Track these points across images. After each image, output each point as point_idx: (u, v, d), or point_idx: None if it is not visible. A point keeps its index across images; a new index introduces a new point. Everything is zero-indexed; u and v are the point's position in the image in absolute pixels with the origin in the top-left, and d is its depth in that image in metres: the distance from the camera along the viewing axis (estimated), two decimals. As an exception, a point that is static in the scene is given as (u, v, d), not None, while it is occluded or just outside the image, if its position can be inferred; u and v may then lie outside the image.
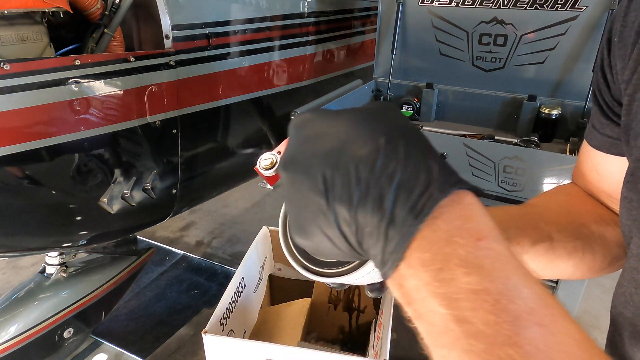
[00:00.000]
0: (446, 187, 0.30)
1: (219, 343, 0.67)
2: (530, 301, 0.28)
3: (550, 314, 0.28)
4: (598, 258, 0.56)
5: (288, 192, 0.34)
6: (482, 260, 0.29)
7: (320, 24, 2.21)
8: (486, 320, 0.27)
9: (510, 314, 0.27)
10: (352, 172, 0.30)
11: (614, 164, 0.55)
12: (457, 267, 0.28)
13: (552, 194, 0.69)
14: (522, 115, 1.93)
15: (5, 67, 1.07)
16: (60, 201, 1.35)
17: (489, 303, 0.27)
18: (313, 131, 0.33)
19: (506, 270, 0.29)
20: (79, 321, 1.81)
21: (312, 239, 0.34)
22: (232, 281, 0.80)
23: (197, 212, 3.25)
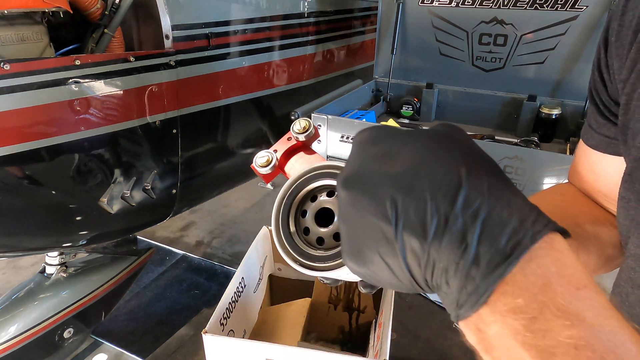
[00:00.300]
0: (539, 227, 0.27)
1: (219, 343, 0.67)
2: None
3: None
4: (592, 258, 0.56)
5: (347, 213, 0.31)
6: (584, 313, 0.26)
7: (320, 24, 2.21)
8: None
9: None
10: (429, 201, 0.27)
11: (611, 163, 0.55)
12: (555, 317, 0.25)
13: (546, 193, 0.68)
14: (522, 115, 1.93)
15: (5, 67, 1.07)
16: (61, 201, 1.35)
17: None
18: (382, 150, 0.30)
19: (611, 325, 0.26)
20: (79, 321, 1.80)
21: (369, 267, 0.31)
22: (232, 281, 0.80)
23: (197, 212, 3.25)
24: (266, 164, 0.48)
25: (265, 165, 0.48)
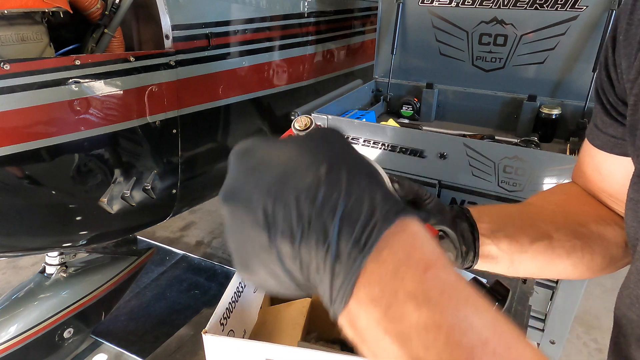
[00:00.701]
0: (390, 215, 0.28)
1: (219, 343, 0.67)
2: (483, 330, 0.27)
3: (504, 341, 0.28)
4: (597, 258, 0.56)
5: (229, 226, 0.32)
6: (430, 293, 0.27)
7: (320, 24, 2.21)
8: (440, 358, 0.26)
9: (463, 349, 0.26)
10: (293, 205, 0.28)
11: (617, 163, 0.55)
12: (406, 301, 0.27)
13: (550, 193, 0.68)
14: (522, 115, 1.93)
15: (5, 67, 1.07)
16: (61, 201, 1.35)
17: (441, 340, 0.26)
18: (255, 161, 0.31)
19: (455, 301, 0.28)
20: (79, 321, 1.80)
21: (256, 276, 0.31)
22: (232, 281, 0.80)
23: (197, 212, 3.25)
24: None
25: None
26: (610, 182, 0.58)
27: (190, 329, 1.96)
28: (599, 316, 2.33)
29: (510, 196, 1.50)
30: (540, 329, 1.62)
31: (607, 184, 0.58)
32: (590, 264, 0.56)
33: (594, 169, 0.60)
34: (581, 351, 2.18)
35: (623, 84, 0.48)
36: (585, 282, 1.48)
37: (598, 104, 0.55)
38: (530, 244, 0.54)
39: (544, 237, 0.54)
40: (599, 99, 0.54)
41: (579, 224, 0.57)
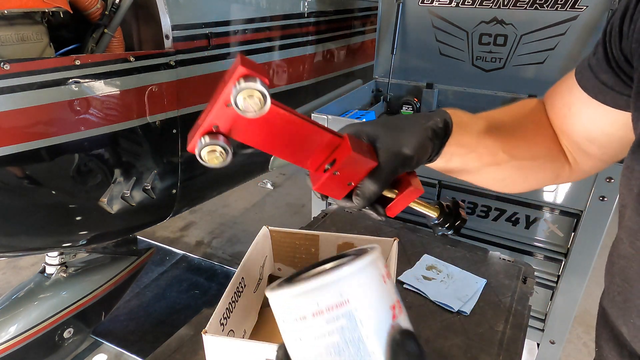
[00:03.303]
0: None
1: (219, 343, 0.67)
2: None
3: None
4: (541, 175, 0.65)
5: None
6: None
7: (320, 24, 2.21)
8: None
9: None
10: None
11: (592, 110, 0.56)
12: None
13: (520, 116, 0.70)
14: (522, 115, 1.93)
15: (5, 67, 1.07)
16: (61, 201, 1.35)
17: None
18: None
19: None
20: (79, 321, 1.80)
21: None
22: (232, 281, 0.80)
23: (197, 212, 3.25)
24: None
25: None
26: (573, 122, 0.60)
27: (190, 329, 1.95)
28: (599, 316, 2.34)
29: (510, 196, 1.51)
30: (540, 329, 1.62)
31: (569, 122, 0.60)
32: (541, 181, 0.66)
33: (566, 104, 0.61)
34: (581, 351, 2.18)
35: (631, 43, 0.47)
36: (585, 282, 1.48)
37: (601, 47, 0.54)
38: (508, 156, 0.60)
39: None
40: (604, 44, 0.53)
41: (528, 153, 0.62)
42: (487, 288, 1.12)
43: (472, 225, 1.63)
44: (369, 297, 0.35)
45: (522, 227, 1.54)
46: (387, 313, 0.36)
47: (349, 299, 0.34)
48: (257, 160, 2.08)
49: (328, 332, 0.34)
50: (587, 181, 1.36)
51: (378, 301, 0.35)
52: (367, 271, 0.35)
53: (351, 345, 0.34)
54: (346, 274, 0.34)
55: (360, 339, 0.34)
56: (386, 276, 0.37)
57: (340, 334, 0.34)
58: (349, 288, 0.34)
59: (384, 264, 0.38)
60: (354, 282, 0.35)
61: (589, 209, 1.38)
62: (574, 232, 1.45)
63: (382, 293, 0.36)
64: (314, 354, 0.35)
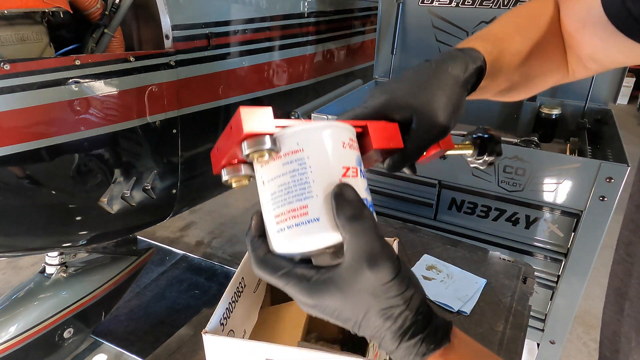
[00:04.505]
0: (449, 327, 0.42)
1: (219, 343, 0.67)
2: None
3: None
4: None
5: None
6: None
7: (320, 24, 2.21)
8: None
9: None
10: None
11: (607, 33, 0.54)
12: None
13: (539, 32, 0.66)
14: (522, 115, 1.93)
15: (5, 67, 1.07)
16: (61, 201, 1.35)
17: None
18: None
19: None
20: (79, 321, 1.80)
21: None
22: (232, 281, 0.80)
23: (197, 212, 3.25)
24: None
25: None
26: (583, 40, 0.60)
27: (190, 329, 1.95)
28: (599, 316, 2.33)
29: (510, 196, 1.51)
30: (540, 329, 1.62)
31: (579, 39, 0.61)
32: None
33: (581, 19, 0.60)
34: (581, 351, 2.18)
35: None
36: (585, 282, 1.48)
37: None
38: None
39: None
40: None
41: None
42: (487, 288, 1.12)
43: (472, 225, 1.63)
44: (321, 152, 0.41)
45: (522, 227, 1.55)
46: (337, 170, 0.41)
47: (303, 149, 0.41)
48: (257, 160, 2.07)
49: (282, 173, 0.41)
50: (587, 181, 1.36)
51: (329, 157, 0.41)
52: (325, 132, 0.42)
53: (298, 186, 0.40)
54: (305, 128, 0.41)
55: (307, 181, 0.40)
56: (349, 146, 0.43)
57: (291, 175, 0.41)
58: (305, 140, 0.41)
59: (349, 137, 0.44)
60: (310, 136, 0.41)
61: (589, 209, 1.38)
62: (574, 232, 1.45)
63: (336, 153, 0.42)
64: (270, 192, 0.42)
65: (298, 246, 0.41)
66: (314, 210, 0.40)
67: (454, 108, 0.50)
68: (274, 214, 0.42)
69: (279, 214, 0.41)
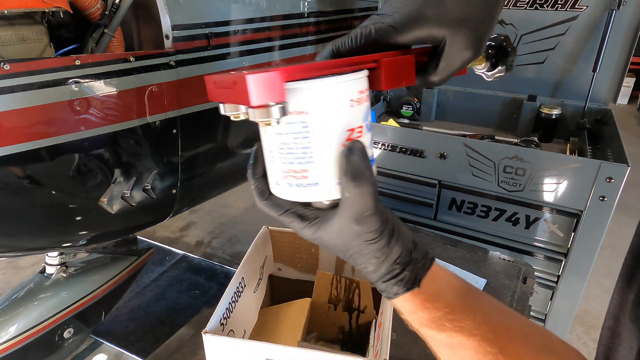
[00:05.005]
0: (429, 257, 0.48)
1: (219, 343, 0.67)
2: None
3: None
4: None
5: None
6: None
7: (320, 24, 2.21)
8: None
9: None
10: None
11: None
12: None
13: None
14: (522, 115, 1.93)
15: (5, 67, 1.07)
16: (61, 201, 1.35)
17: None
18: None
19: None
20: (79, 321, 1.80)
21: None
22: (232, 281, 0.80)
23: (197, 212, 3.25)
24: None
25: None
26: None
27: (190, 329, 1.95)
28: (599, 316, 2.33)
29: (510, 196, 1.51)
30: (540, 329, 1.62)
31: None
32: None
33: None
34: (581, 351, 2.18)
35: None
36: (585, 282, 1.48)
37: None
38: None
39: None
40: None
41: None
42: (487, 288, 1.12)
43: (472, 225, 1.63)
44: (325, 117, 0.40)
45: (522, 227, 1.55)
46: (341, 134, 0.40)
47: (307, 111, 0.39)
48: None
49: (285, 131, 0.40)
50: (587, 181, 1.36)
51: (334, 121, 0.40)
52: (332, 94, 0.39)
53: (300, 149, 0.40)
54: (311, 88, 0.38)
55: (308, 146, 0.40)
56: (357, 101, 0.41)
57: (294, 136, 0.40)
58: (311, 102, 0.39)
59: (359, 89, 0.41)
60: (316, 98, 0.39)
61: (589, 209, 1.38)
62: (574, 232, 1.45)
63: (343, 115, 0.40)
64: (270, 147, 0.42)
65: (297, 197, 0.44)
66: (313, 175, 0.41)
67: (493, 26, 0.46)
68: (275, 167, 0.43)
69: (280, 170, 0.42)
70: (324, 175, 0.41)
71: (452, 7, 0.43)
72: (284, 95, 0.36)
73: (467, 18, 0.43)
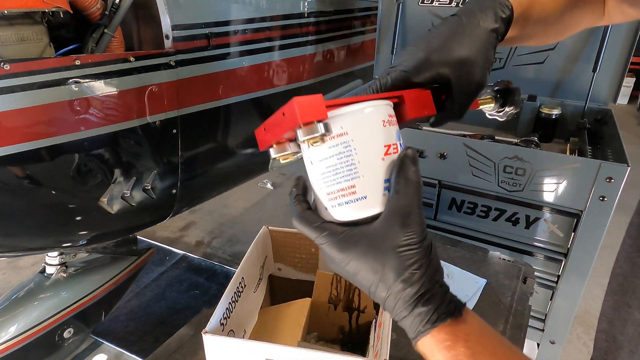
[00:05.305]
0: (460, 306, 0.44)
1: (219, 343, 0.67)
2: None
3: None
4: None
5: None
6: None
7: (320, 24, 2.21)
8: None
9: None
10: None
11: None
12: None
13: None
14: (522, 115, 1.93)
15: (5, 67, 1.07)
16: (61, 201, 1.35)
17: None
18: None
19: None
20: (79, 321, 1.80)
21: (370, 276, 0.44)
22: (232, 281, 0.80)
23: (197, 212, 3.25)
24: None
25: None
26: None
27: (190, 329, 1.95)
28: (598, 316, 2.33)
29: (510, 196, 1.51)
30: (540, 329, 1.62)
31: None
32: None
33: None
34: (581, 351, 2.18)
35: None
36: (585, 282, 1.48)
37: None
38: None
39: None
40: None
41: None
42: (487, 288, 1.12)
43: (472, 225, 1.63)
44: (364, 134, 0.45)
45: (522, 227, 1.55)
46: (380, 149, 0.45)
47: (347, 132, 0.44)
48: (257, 160, 2.08)
49: (330, 155, 0.45)
50: (587, 181, 1.36)
51: (372, 139, 0.45)
52: (366, 115, 0.45)
53: (345, 168, 0.44)
54: (347, 111, 0.45)
55: (353, 163, 0.44)
56: (388, 123, 0.46)
57: (338, 157, 0.45)
58: (349, 124, 0.44)
59: (389, 113, 0.47)
60: (353, 120, 0.44)
61: (589, 209, 1.38)
62: (574, 232, 1.45)
63: (378, 133, 0.45)
64: (320, 172, 0.46)
65: (347, 215, 0.46)
66: (362, 189, 0.45)
67: (489, 63, 0.52)
68: (325, 191, 0.46)
69: (330, 192, 0.46)
70: (370, 187, 0.45)
71: (451, 51, 0.51)
72: (326, 113, 0.42)
73: (467, 56, 0.51)
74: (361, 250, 0.43)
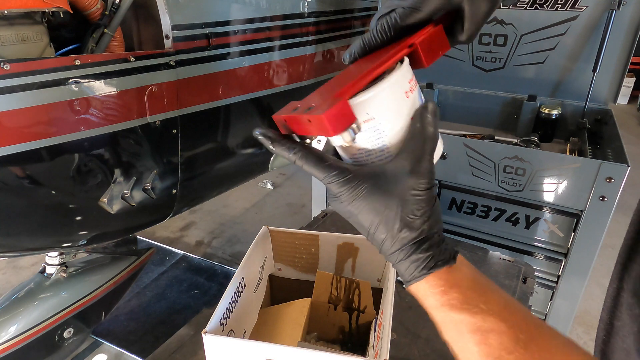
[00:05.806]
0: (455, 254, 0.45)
1: (219, 343, 0.67)
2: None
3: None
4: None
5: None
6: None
7: (320, 24, 2.21)
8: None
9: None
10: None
11: None
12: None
13: None
14: (522, 115, 1.93)
15: (5, 67, 1.07)
16: (61, 201, 1.35)
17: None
18: None
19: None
20: (79, 321, 1.81)
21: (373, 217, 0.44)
22: (232, 281, 0.80)
23: (197, 212, 3.25)
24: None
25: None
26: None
27: (190, 329, 1.95)
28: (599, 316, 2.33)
29: (510, 196, 1.51)
30: (540, 329, 1.62)
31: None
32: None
33: None
34: (581, 351, 2.18)
35: None
36: (585, 282, 1.48)
37: None
38: None
39: None
40: None
41: None
42: (487, 288, 1.12)
43: (472, 225, 1.63)
44: (391, 112, 0.44)
45: (522, 227, 1.55)
46: (407, 121, 0.45)
47: (374, 117, 0.44)
48: (257, 160, 2.08)
49: (360, 140, 0.45)
50: (587, 181, 1.36)
51: (398, 113, 0.45)
52: (388, 94, 0.43)
53: (377, 149, 0.45)
54: (370, 97, 0.43)
55: (384, 144, 0.45)
56: (410, 90, 0.45)
57: (368, 141, 0.45)
58: (373, 108, 0.43)
59: (408, 79, 0.45)
60: (377, 103, 0.43)
61: (589, 209, 1.38)
62: (574, 232, 1.45)
63: (403, 106, 0.45)
64: (349, 154, 0.47)
65: None
66: None
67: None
68: None
69: None
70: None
71: None
72: (354, 116, 0.42)
73: None
74: (367, 189, 0.42)
